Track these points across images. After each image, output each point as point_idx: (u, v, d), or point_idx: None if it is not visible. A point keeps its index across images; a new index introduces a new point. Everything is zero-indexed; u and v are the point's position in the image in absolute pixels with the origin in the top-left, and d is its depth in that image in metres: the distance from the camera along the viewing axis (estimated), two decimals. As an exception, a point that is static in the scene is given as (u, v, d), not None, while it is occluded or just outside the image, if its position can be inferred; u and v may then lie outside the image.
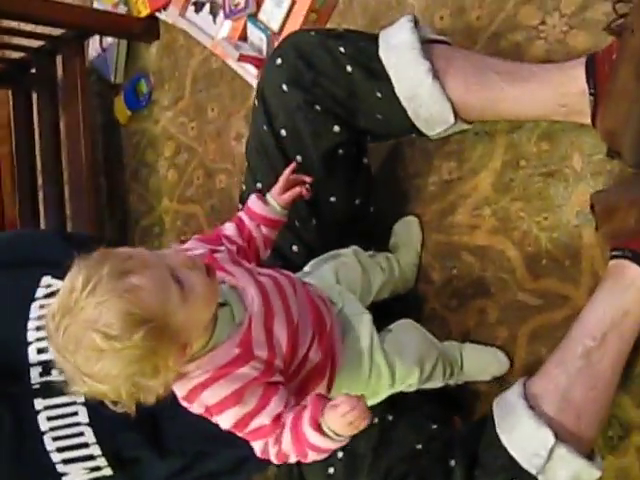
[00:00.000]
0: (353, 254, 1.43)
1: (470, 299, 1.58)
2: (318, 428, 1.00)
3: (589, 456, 1.24)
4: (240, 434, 1.09)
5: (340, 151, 1.48)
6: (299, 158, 1.47)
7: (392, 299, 1.56)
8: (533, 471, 1.22)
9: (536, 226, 1.49)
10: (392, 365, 1.29)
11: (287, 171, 1.32)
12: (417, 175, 1.68)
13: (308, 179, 1.32)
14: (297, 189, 1.31)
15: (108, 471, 1.35)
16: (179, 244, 2.10)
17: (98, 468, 1.34)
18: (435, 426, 1.41)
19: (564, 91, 1.33)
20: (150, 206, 2.30)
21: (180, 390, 1.08)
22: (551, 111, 1.37)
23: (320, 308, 1.23)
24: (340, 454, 1.39)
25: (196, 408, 1.09)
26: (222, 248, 1.22)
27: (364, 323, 1.29)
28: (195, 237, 1.26)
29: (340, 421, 0.97)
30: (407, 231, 1.66)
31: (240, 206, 1.60)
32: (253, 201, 1.30)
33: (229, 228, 1.28)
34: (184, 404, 1.10)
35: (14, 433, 1.30)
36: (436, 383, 1.40)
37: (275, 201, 1.30)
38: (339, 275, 1.38)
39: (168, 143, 2.25)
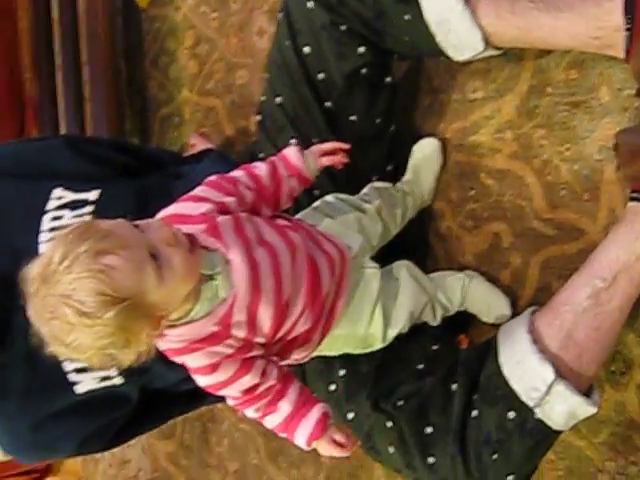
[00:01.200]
0: (376, 211, 1.42)
1: (485, 222, 1.59)
2: (309, 444, 1.14)
3: (586, 393, 1.27)
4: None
5: (363, 71, 1.46)
6: (321, 76, 1.46)
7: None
8: (530, 404, 1.25)
9: (557, 156, 1.48)
10: (387, 324, 1.33)
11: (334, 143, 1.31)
12: (440, 90, 1.66)
13: (347, 146, 1.30)
14: (337, 158, 1.29)
15: (118, 380, 1.40)
16: (198, 135, 2.12)
17: (109, 377, 1.39)
18: (437, 347, 1.44)
19: (599, 24, 1.29)
20: (170, 95, 2.28)
21: (159, 345, 1.11)
22: (583, 43, 1.34)
23: (319, 270, 1.21)
24: (342, 372, 1.42)
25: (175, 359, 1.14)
26: (231, 200, 1.20)
27: (373, 280, 1.32)
28: (209, 180, 1.24)
29: (329, 450, 1.13)
30: (426, 154, 1.64)
31: (258, 117, 1.59)
32: (292, 152, 1.27)
33: (261, 168, 1.26)
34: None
35: (26, 342, 1.35)
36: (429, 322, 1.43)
37: (312, 160, 1.28)
38: (361, 225, 1.38)
39: (189, 33, 2.20)
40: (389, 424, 1.35)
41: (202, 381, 1.14)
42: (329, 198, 1.43)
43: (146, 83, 2.36)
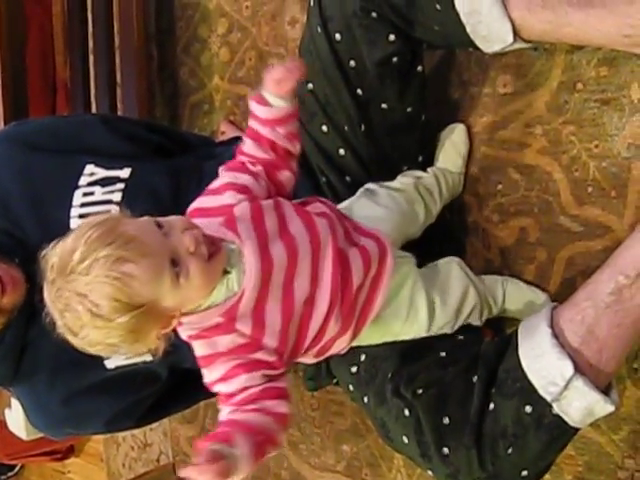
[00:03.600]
0: (417, 192, 1.47)
1: (512, 216, 1.59)
2: None
3: (605, 390, 1.26)
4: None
5: (394, 59, 1.45)
6: (352, 63, 1.46)
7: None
8: (548, 398, 1.24)
9: (586, 152, 1.48)
10: (431, 317, 1.34)
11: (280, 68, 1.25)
12: (470, 84, 1.66)
13: (297, 63, 1.25)
14: (291, 74, 1.24)
15: (148, 356, 1.41)
16: (228, 122, 2.13)
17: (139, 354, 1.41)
18: (462, 337, 1.44)
19: (630, 22, 1.28)
20: (201, 82, 2.29)
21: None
22: (614, 41, 1.33)
23: (350, 264, 1.23)
24: (363, 356, 1.43)
25: None
26: (247, 178, 1.23)
27: (409, 270, 1.34)
28: (223, 168, 1.27)
29: None
30: (454, 139, 1.64)
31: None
32: (255, 107, 1.26)
33: (247, 145, 1.26)
34: None
35: None
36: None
37: (274, 97, 1.25)
38: (403, 212, 1.42)
39: (221, 20, 2.21)
40: (406, 412, 1.35)
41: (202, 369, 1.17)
42: (371, 186, 1.46)
43: (177, 69, 2.37)
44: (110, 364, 1.40)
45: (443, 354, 1.39)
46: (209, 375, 1.15)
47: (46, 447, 3.08)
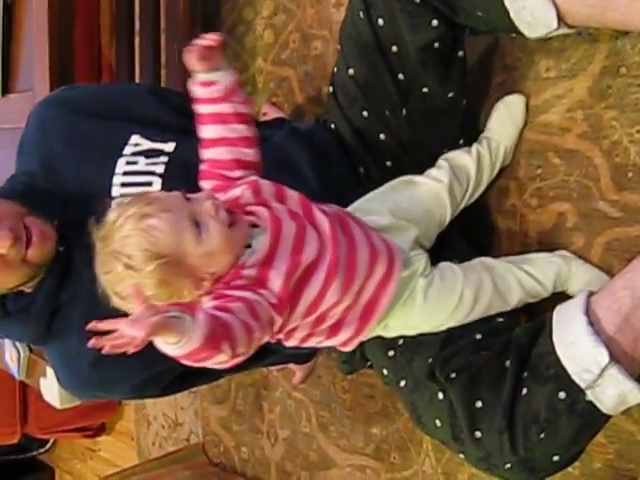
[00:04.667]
0: (448, 191, 1.49)
1: (550, 201, 1.59)
2: None
3: (639, 379, 1.26)
4: None
5: (436, 44, 1.45)
6: (394, 49, 1.46)
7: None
8: (582, 385, 1.24)
9: (627, 137, 1.47)
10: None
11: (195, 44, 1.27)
12: (513, 68, 1.65)
13: (214, 36, 1.28)
14: (207, 42, 1.27)
15: None
16: (270, 104, 2.15)
17: None
18: (501, 319, 1.45)
19: None
20: (244, 64, 2.31)
21: None
22: (658, 26, 1.33)
23: (356, 246, 1.30)
24: (401, 340, 1.45)
25: None
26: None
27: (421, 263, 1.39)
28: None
29: None
30: (511, 108, 1.63)
31: (330, 88, 1.61)
32: (202, 92, 1.30)
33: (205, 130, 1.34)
34: None
35: (90, 280, 1.36)
36: None
37: (209, 72, 1.29)
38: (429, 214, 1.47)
39: (266, 3, 2.22)
40: (440, 395, 1.37)
41: None
42: (405, 178, 1.49)
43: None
44: None
45: (479, 336, 1.40)
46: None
47: (79, 423, 3.14)
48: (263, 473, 2.42)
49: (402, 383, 1.44)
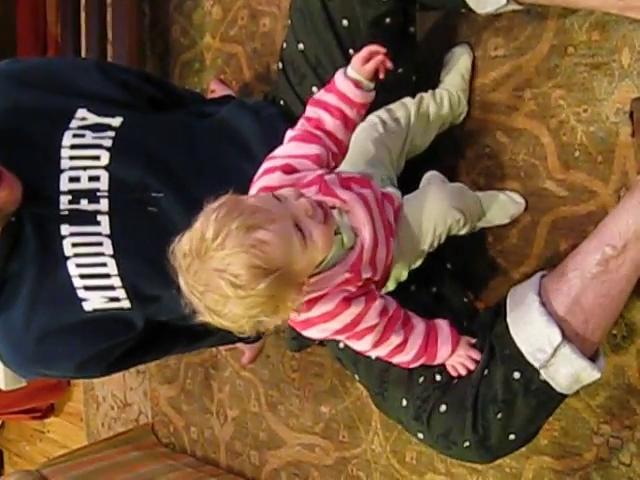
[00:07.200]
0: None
1: (498, 180, 1.59)
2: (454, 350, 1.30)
3: (592, 358, 1.28)
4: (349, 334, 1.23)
5: (387, 19, 1.45)
6: (345, 23, 1.45)
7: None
8: (536, 365, 1.26)
9: (574, 117, 1.48)
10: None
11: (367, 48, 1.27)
12: (462, 46, 1.65)
13: (382, 49, 1.26)
14: (379, 57, 1.25)
15: (126, 304, 1.42)
16: (218, 81, 2.12)
17: (117, 299, 1.41)
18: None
19: None
20: (192, 41, 2.28)
21: None
22: (606, 3, 1.33)
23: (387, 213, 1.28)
24: None
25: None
26: (320, 149, 1.24)
27: None
28: (291, 137, 1.27)
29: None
30: (456, 58, 1.64)
31: (280, 64, 1.59)
32: (349, 89, 1.26)
33: (333, 124, 1.27)
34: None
35: (39, 253, 1.35)
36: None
37: (359, 73, 1.26)
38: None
39: (215, -22, 2.20)
40: None
41: (335, 325, 1.20)
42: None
43: (169, 27, 2.35)
44: (88, 306, 1.39)
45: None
46: (349, 315, 1.19)
47: (27, 404, 3.09)
48: (213, 453, 2.42)
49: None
